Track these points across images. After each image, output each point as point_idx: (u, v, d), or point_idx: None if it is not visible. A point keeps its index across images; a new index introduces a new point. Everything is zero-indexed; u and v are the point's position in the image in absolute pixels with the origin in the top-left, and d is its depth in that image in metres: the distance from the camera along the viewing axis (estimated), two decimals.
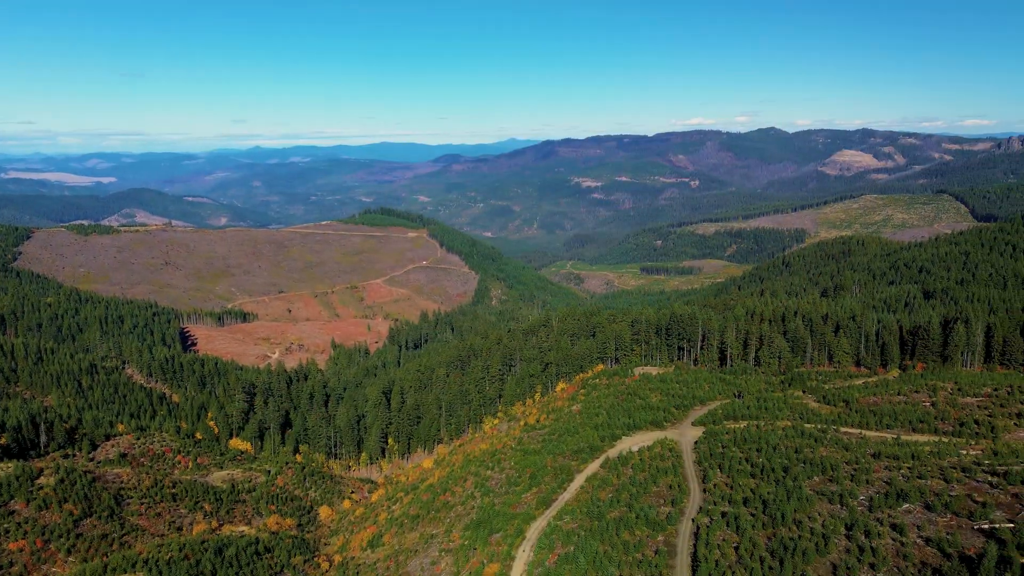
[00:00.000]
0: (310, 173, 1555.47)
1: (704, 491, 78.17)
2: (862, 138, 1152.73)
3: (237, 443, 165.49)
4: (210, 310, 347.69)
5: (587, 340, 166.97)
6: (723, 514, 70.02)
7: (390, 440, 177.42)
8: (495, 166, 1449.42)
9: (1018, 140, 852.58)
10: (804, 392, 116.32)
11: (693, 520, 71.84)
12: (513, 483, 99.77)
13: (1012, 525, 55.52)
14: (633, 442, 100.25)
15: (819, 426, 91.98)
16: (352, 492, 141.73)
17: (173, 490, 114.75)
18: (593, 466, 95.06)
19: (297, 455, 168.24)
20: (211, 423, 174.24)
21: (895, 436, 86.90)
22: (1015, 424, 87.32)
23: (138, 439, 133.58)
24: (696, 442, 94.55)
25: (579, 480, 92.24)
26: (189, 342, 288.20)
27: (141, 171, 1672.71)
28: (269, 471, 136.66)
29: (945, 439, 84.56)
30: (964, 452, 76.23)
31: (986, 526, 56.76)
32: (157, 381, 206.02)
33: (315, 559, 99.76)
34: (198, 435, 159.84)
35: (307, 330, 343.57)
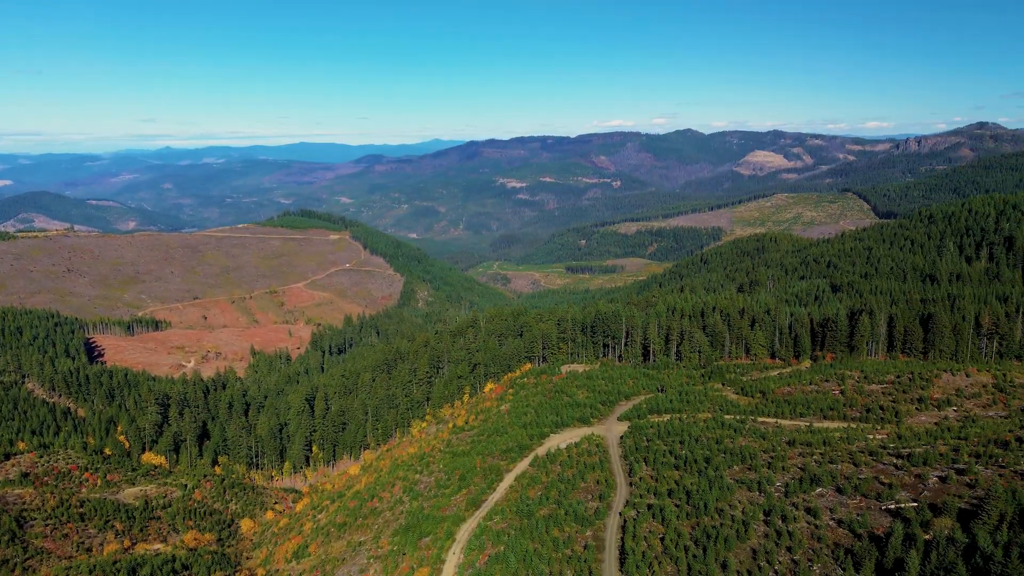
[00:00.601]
0: (225, 174, 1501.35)
1: (630, 485, 79.53)
2: (773, 139, 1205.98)
3: (150, 457, 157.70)
4: (119, 319, 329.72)
5: (515, 340, 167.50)
6: (649, 506, 71.36)
7: (315, 448, 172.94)
8: (419, 167, 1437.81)
9: (914, 141, 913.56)
10: (723, 384, 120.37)
11: (620, 514, 72.93)
12: (442, 486, 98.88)
13: (916, 504, 58.75)
14: (561, 439, 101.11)
15: (738, 417, 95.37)
16: (276, 503, 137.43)
17: (81, 509, 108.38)
18: (522, 465, 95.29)
19: (216, 467, 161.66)
20: (121, 438, 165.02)
21: (808, 424, 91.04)
22: (916, 408, 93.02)
23: (41, 457, 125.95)
24: (622, 437, 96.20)
25: (508, 479, 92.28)
26: (96, 353, 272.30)
27: (39, 173, 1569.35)
28: (186, 485, 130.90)
29: (854, 425, 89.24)
30: (871, 437, 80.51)
31: (892, 506, 59.87)
32: (61, 395, 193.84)
33: (237, 574, 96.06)
34: (107, 451, 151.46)
35: (224, 337, 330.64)
